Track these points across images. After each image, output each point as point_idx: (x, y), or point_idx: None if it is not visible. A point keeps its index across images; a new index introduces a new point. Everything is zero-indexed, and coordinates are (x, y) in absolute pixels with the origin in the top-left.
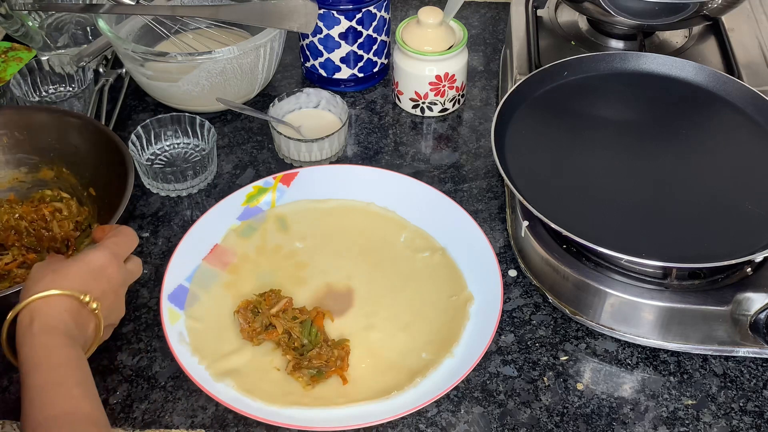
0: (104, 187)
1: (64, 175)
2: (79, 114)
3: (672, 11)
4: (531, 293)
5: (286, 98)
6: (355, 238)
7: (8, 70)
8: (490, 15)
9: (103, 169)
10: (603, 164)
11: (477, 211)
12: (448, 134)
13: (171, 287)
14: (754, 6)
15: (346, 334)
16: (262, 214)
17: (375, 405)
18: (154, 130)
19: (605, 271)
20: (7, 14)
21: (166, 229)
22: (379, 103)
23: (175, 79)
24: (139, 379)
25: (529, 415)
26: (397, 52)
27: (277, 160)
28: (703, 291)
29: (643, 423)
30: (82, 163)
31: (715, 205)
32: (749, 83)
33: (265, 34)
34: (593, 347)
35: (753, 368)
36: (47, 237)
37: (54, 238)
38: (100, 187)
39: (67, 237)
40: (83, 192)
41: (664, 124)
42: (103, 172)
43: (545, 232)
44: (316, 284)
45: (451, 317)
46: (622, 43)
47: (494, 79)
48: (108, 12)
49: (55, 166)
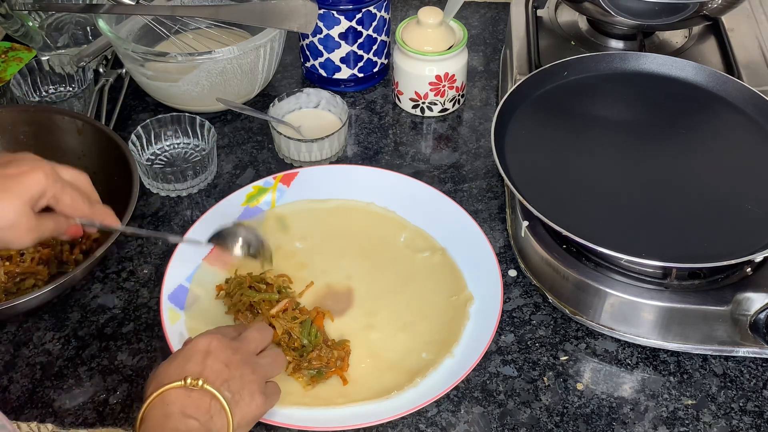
0: (105, 187)
1: None
2: (79, 114)
3: (672, 11)
4: (531, 293)
5: (286, 98)
6: (355, 238)
7: (8, 70)
8: (490, 15)
9: (104, 169)
10: (603, 164)
11: (477, 211)
12: (448, 134)
13: (171, 287)
14: (754, 6)
15: (346, 334)
16: (262, 214)
17: (375, 405)
18: (154, 130)
19: (605, 271)
20: (7, 14)
21: (166, 229)
22: (379, 103)
23: (175, 79)
24: (139, 379)
25: (529, 415)
26: (397, 52)
27: (277, 160)
28: (703, 291)
29: (643, 423)
30: (82, 164)
31: (715, 205)
32: (749, 83)
33: (265, 34)
34: (593, 347)
35: (753, 368)
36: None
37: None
38: (100, 187)
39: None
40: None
41: (664, 124)
42: (104, 172)
43: (545, 232)
44: (316, 284)
45: (451, 317)
46: (622, 43)
47: (494, 79)
48: (108, 12)
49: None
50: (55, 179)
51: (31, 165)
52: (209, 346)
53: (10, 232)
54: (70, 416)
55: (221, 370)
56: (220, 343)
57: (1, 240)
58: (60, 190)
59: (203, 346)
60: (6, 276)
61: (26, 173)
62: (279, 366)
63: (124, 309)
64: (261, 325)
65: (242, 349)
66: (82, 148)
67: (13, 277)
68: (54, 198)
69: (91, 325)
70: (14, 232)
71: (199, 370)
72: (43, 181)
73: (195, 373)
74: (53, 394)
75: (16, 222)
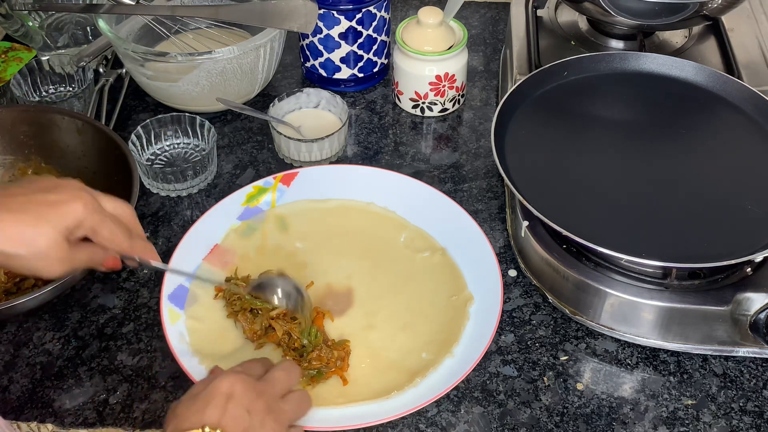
0: (105, 187)
1: (65, 175)
2: (79, 114)
3: (672, 11)
4: (531, 293)
5: (286, 98)
6: (355, 238)
7: (8, 70)
8: (490, 15)
9: (104, 169)
10: (603, 164)
11: (477, 211)
12: (448, 134)
13: (171, 287)
14: (754, 6)
15: (346, 334)
16: (262, 214)
17: (375, 405)
18: (154, 130)
19: (605, 271)
20: (7, 14)
21: (166, 229)
22: (379, 103)
23: (175, 79)
24: (139, 379)
25: (529, 415)
26: (397, 52)
27: (277, 160)
28: (703, 291)
29: (643, 423)
30: (82, 164)
31: (715, 205)
32: (749, 83)
33: (265, 34)
34: (593, 347)
35: (753, 368)
36: None
37: None
38: (100, 187)
39: None
40: None
41: (664, 124)
42: (104, 172)
43: (545, 232)
44: (316, 284)
45: (451, 317)
46: (622, 43)
47: (494, 79)
48: (108, 12)
49: (56, 166)
50: (95, 210)
51: (72, 194)
52: (232, 389)
53: (40, 260)
54: (70, 416)
55: (242, 417)
56: (243, 386)
57: (32, 268)
58: (98, 222)
59: (226, 389)
60: (6, 276)
61: (65, 202)
62: (304, 410)
63: (124, 309)
64: (289, 365)
65: (267, 393)
66: (82, 148)
67: (13, 277)
68: (92, 230)
69: (91, 325)
70: (45, 261)
71: (219, 418)
72: (81, 211)
73: (214, 421)
74: (53, 394)
75: (47, 251)
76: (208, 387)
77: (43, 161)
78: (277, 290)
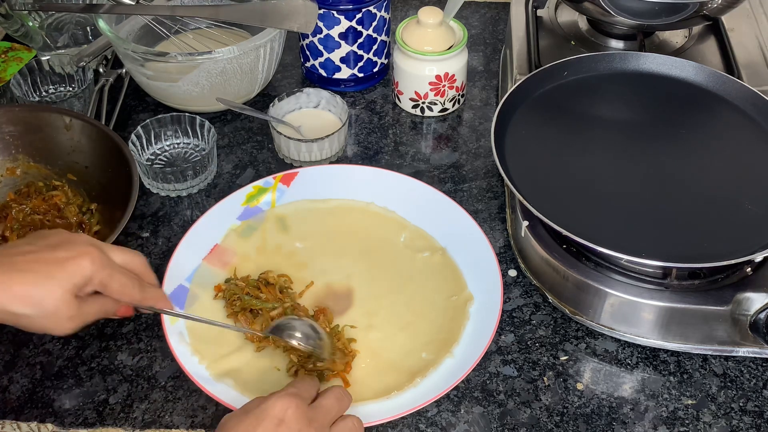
0: (105, 186)
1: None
2: (79, 114)
3: (672, 11)
4: (531, 293)
5: (286, 98)
6: (355, 238)
7: (8, 70)
8: (490, 15)
9: (104, 169)
10: (603, 164)
11: (477, 211)
12: (448, 134)
13: (171, 287)
14: (754, 6)
15: (346, 334)
16: (262, 214)
17: (375, 405)
18: (154, 130)
19: (605, 271)
20: (7, 14)
21: (166, 229)
22: (379, 103)
23: (175, 79)
24: (139, 379)
25: (529, 415)
26: (397, 52)
27: (277, 160)
28: (703, 291)
29: (643, 423)
30: (81, 164)
31: (715, 205)
32: (749, 83)
33: (265, 34)
34: (593, 347)
35: (753, 368)
36: (62, 225)
37: (70, 224)
38: (101, 186)
39: (80, 221)
40: (83, 192)
41: (664, 124)
42: (104, 172)
43: (545, 232)
44: (316, 284)
45: (451, 317)
46: (622, 43)
47: (494, 79)
48: (108, 12)
49: (54, 167)
50: (103, 265)
51: (80, 250)
52: (285, 413)
53: (49, 320)
54: (70, 416)
55: None
56: (296, 411)
57: (41, 327)
58: (108, 276)
59: (279, 412)
60: None
61: (72, 259)
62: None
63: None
64: (341, 393)
65: (318, 420)
66: (82, 149)
67: None
68: (101, 284)
69: (91, 325)
70: (54, 320)
71: None
72: (89, 268)
73: None
74: (53, 394)
75: (55, 310)
76: (261, 405)
77: (44, 165)
78: (296, 332)
